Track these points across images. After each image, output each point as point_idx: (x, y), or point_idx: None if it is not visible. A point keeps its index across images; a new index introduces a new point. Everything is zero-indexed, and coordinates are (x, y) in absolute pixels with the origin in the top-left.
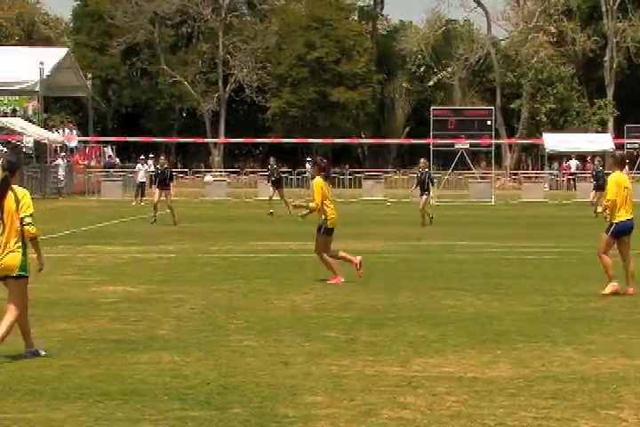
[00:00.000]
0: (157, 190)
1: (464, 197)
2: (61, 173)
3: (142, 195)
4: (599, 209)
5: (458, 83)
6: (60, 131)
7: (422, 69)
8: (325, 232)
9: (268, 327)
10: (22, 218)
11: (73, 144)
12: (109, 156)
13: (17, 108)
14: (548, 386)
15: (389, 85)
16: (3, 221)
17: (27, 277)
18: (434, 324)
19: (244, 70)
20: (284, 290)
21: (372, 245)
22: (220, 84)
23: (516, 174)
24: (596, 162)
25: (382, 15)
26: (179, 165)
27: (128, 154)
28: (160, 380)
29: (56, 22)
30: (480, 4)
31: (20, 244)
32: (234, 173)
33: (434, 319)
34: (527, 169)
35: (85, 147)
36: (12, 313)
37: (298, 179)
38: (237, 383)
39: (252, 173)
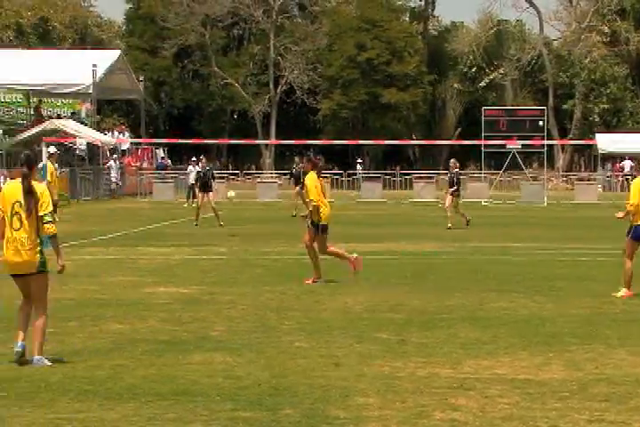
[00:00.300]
0: (200, 193)
1: (516, 198)
2: (114, 174)
3: (194, 196)
4: (620, 214)
5: (510, 83)
6: (115, 133)
7: (474, 70)
8: (322, 230)
9: (319, 329)
10: (42, 216)
11: (125, 146)
12: (162, 157)
13: (75, 111)
14: (601, 388)
15: (440, 86)
16: (21, 218)
17: (47, 272)
18: (486, 325)
19: (295, 72)
20: (336, 291)
21: (423, 247)
22: (271, 85)
23: (568, 175)
24: None
25: (433, 16)
26: (230, 167)
27: (179, 156)
28: (212, 380)
29: (109, 25)
30: (532, 4)
31: (37, 241)
32: (284, 174)
33: (486, 321)
34: (580, 170)
35: (137, 149)
36: (41, 319)
37: (349, 181)
38: (289, 384)
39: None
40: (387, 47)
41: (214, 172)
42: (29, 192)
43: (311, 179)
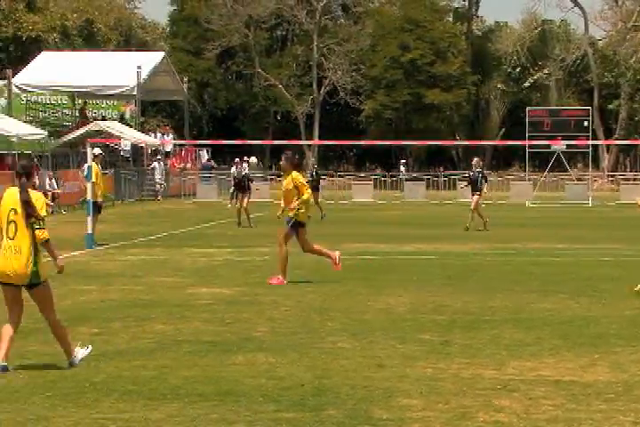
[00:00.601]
0: (239, 194)
1: (560, 198)
2: (158, 175)
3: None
4: None
5: (554, 83)
6: (159, 135)
7: (518, 70)
8: (298, 226)
9: (362, 329)
10: (31, 223)
11: (168, 148)
12: (208, 159)
13: (123, 113)
14: None
15: (484, 87)
16: (16, 226)
17: (39, 283)
18: (530, 327)
19: (339, 73)
20: (378, 292)
21: (467, 247)
22: (315, 86)
23: (613, 176)
24: None
25: (477, 16)
26: (273, 168)
27: (223, 157)
28: (255, 381)
29: (153, 27)
30: (577, 4)
31: (32, 250)
32: (328, 175)
33: (530, 322)
34: (625, 170)
35: (181, 150)
36: (58, 329)
37: (392, 181)
38: (332, 385)
39: (347, 175)
40: (430, 48)
41: (249, 173)
42: (27, 202)
43: (297, 178)
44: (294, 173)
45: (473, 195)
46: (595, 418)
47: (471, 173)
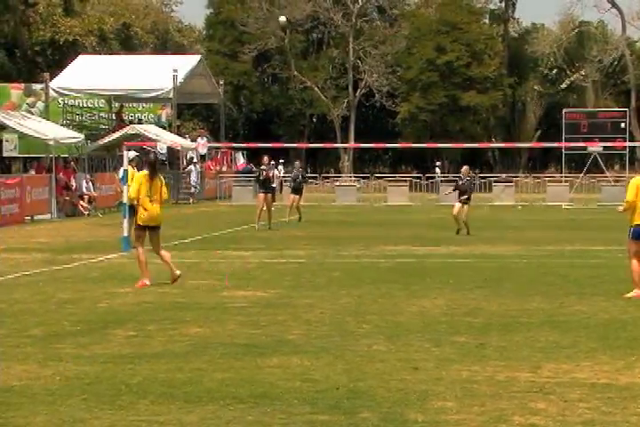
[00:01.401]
0: (291, 195)
1: (596, 200)
2: (194, 178)
3: (273, 200)
4: (620, 208)
5: (591, 85)
6: (199, 139)
7: (554, 72)
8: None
9: (397, 332)
10: None
11: (203, 151)
12: (248, 163)
13: (159, 116)
14: None
15: (520, 89)
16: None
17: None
18: (565, 329)
19: (374, 75)
20: (413, 295)
21: (502, 249)
22: (350, 89)
23: None
24: None
25: (514, 18)
26: (308, 170)
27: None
28: (290, 384)
29: (189, 30)
30: (615, 5)
31: None
32: (364, 178)
33: (565, 325)
34: None
35: (217, 153)
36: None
37: (427, 184)
38: (367, 388)
39: (382, 177)
40: (466, 50)
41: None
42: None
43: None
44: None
45: (462, 203)
46: (631, 421)
47: (459, 181)
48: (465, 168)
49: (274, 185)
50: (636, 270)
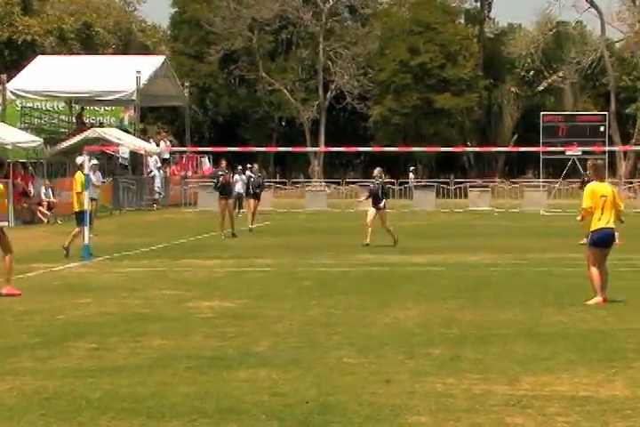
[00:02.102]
0: (249, 200)
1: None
2: (158, 184)
3: (240, 206)
4: (578, 217)
5: (569, 87)
6: (161, 143)
7: (531, 74)
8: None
9: (369, 344)
10: None
11: (166, 155)
12: (215, 167)
13: (121, 119)
14: None
15: (497, 91)
16: None
17: None
18: (544, 340)
19: (345, 77)
20: (386, 305)
21: (478, 258)
22: (321, 91)
23: (631, 183)
24: None
25: (489, 18)
26: (277, 176)
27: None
28: (257, 398)
29: (153, 30)
30: (593, 5)
31: None
32: (334, 183)
33: (544, 336)
34: None
35: (182, 157)
36: None
37: (401, 189)
38: (337, 402)
39: (353, 183)
40: (440, 51)
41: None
42: None
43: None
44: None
45: (376, 209)
46: None
47: (371, 185)
48: (377, 170)
49: (240, 190)
50: (597, 276)
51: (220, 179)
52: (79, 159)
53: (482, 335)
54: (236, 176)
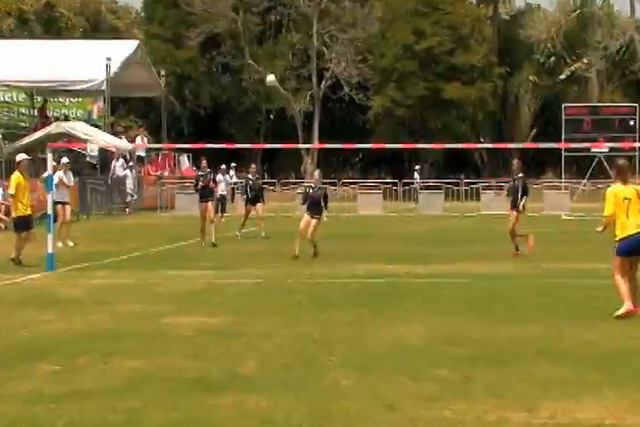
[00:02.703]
0: (249, 205)
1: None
2: (130, 185)
3: (223, 210)
4: (600, 228)
5: (595, 75)
6: (137, 139)
7: (552, 60)
8: None
9: (368, 364)
10: None
11: (141, 153)
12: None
13: (89, 112)
14: None
15: (513, 80)
16: None
17: None
18: (564, 360)
19: (342, 64)
20: (388, 321)
21: (491, 267)
22: (314, 80)
23: None
24: None
25: None
26: (265, 175)
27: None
28: (244, 425)
29: (125, 11)
30: None
31: None
32: (329, 184)
33: (566, 355)
34: None
35: (158, 155)
36: None
37: (404, 191)
38: None
39: (351, 183)
40: (449, 34)
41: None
42: None
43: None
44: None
45: (312, 217)
46: None
47: (309, 190)
48: (317, 173)
49: (223, 192)
50: (623, 283)
51: (200, 179)
52: (19, 157)
53: (495, 354)
54: (219, 176)
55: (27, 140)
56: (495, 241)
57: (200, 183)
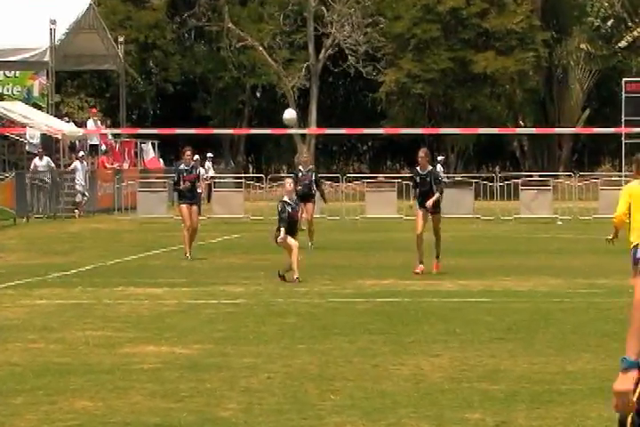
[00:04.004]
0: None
1: None
2: (80, 181)
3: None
4: (609, 237)
5: None
6: (89, 122)
7: (610, 24)
8: None
9: (380, 406)
10: None
11: (95, 140)
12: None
13: (29, 89)
14: None
15: (561, 49)
16: None
17: None
18: None
19: (346, 28)
20: (405, 351)
21: (534, 284)
22: (311, 49)
23: None
24: None
25: None
26: (250, 168)
27: (176, 152)
28: None
29: None
30: None
31: None
32: (330, 179)
33: None
34: None
35: (115, 143)
36: None
37: None
38: None
39: (358, 179)
40: None
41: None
42: None
43: None
44: None
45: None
46: None
47: (300, 174)
48: (304, 158)
49: (199, 190)
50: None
51: (185, 175)
52: None
53: (539, 393)
54: (201, 169)
55: None
56: (538, 251)
57: (183, 180)
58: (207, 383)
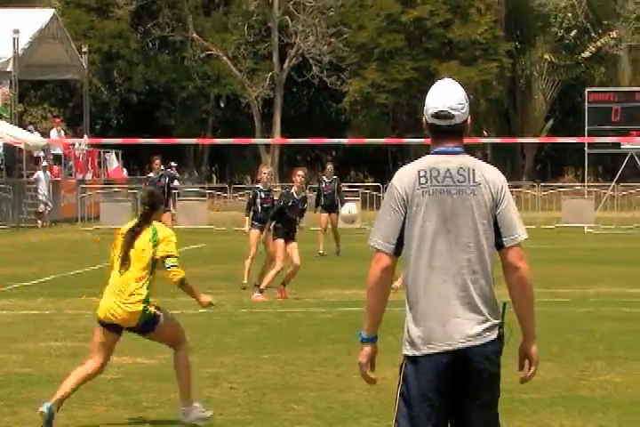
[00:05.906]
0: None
1: (634, 221)
2: (43, 191)
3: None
4: None
5: (626, 53)
6: (53, 132)
7: (573, 34)
8: None
9: (343, 416)
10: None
11: (57, 150)
12: (169, 167)
13: None
14: None
15: (524, 59)
16: (124, 262)
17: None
18: (588, 409)
19: (310, 38)
20: None
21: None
22: (275, 58)
23: None
24: None
25: None
26: (214, 179)
27: (140, 162)
28: None
29: None
30: None
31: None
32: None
33: (588, 403)
34: None
35: (79, 153)
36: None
37: None
38: None
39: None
40: (445, 2)
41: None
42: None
43: None
44: None
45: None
46: None
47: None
48: (330, 165)
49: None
50: None
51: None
52: None
53: (502, 402)
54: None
55: None
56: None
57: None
58: (170, 394)
